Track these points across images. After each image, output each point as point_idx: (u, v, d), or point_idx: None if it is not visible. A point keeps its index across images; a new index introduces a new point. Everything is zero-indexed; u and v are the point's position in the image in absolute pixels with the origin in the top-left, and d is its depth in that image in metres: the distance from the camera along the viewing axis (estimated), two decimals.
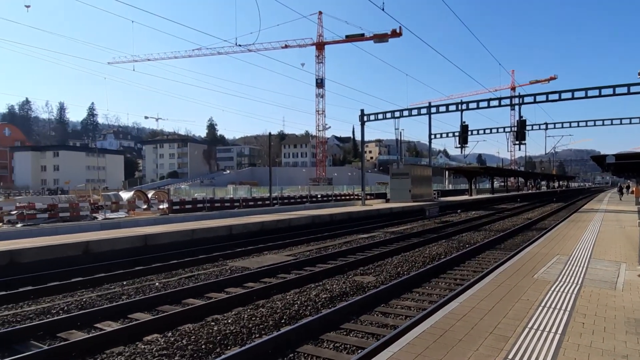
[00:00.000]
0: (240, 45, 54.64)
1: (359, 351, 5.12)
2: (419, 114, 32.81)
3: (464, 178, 57.95)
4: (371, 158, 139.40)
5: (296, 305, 7.00)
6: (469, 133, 34.08)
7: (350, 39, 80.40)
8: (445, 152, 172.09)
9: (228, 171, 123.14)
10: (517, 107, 30.28)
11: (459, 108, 30.98)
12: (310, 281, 8.80)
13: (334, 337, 5.69)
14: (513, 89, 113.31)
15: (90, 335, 5.68)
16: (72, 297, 7.75)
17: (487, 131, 42.68)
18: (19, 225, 17.70)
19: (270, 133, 40.36)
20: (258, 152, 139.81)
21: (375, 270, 9.84)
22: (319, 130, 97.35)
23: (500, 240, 14.97)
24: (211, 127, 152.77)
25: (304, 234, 16.45)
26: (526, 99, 28.96)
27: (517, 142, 30.98)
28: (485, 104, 30.02)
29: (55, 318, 6.37)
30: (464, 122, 32.23)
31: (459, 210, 30.92)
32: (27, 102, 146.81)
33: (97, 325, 6.28)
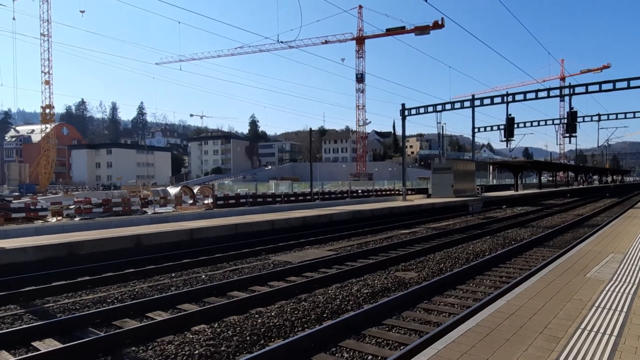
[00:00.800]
0: (282, 42, 55.37)
1: (402, 347, 5.10)
2: (462, 107, 31.97)
3: (509, 173, 55.85)
4: (412, 153, 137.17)
5: (338, 300, 7.05)
6: (515, 126, 32.90)
7: (390, 32, 79.29)
8: (489, 146, 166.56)
9: (269, 167, 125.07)
10: (567, 98, 28.95)
11: (505, 100, 29.91)
12: (351, 276, 8.83)
13: (376, 332, 5.69)
14: (563, 79, 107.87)
15: (143, 324, 5.97)
16: (125, 287, 8.18)
17: (535, 124, 41.02)
18: (77, 218, 18.82)
19: (310, 129, 40.63)
20: (299, 147, 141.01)
21: (417, 266, 9.72)
22: (359, 126, 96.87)
23: (549, 237, 14.35)
24: (253, 124, 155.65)
25: (345, 229, 16.48)
26: (577, 89, 27.54)
27: (567, 135, 29.61)
28: (532, 95, 28.83)
29: (111, 307, 6.75)
30: (510, 115, 31.09)
31: (504, 206, 29.90)
32: (82, 102, 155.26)
33: (149, 314, 6.59)
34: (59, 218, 19.35)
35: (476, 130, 37.89)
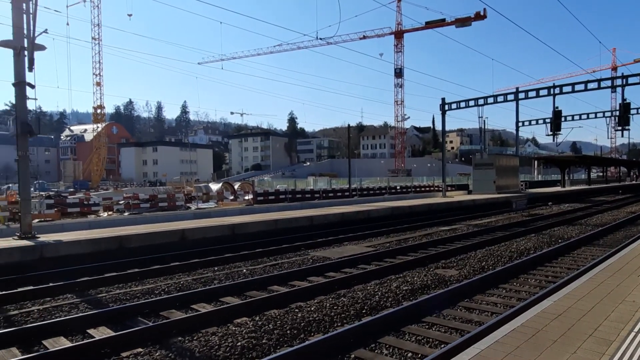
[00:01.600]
0: (321, 39, 55.36)
1: (442, 346, 5.04)
2: (505, 100, 30.89)
3: (555, 168, 53.59)
4: (452, 148, 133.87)
5: (377, 296, 7.04)
6: (562, 119, 31.44)
7: (430, 25, 77.55)
8: (534, 141, 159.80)
9: (308, 163, 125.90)
10: (619, 89, 27.32)
11: (551, 92, 28.63)
12: (390, 272, 8.79)
13: (416, 329, 5.65)
14: (614, 69, 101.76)
15: (188, 315, 6.22)
16: (171, 280, 8.52)
17: (584, 117, 39.00)
18: (126, 213, 19.76)
19: (349, 125, 40.58)
20: (337, 144, 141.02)
21: (458, 264, 9.54)
22: (397, 121, 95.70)
23: (599, 236, 13.66)
24: (292, 121, 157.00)
25: (383, 225, 16.38)
26: (630, 80, 25.96)
27: (619, 128, 27.99)
28: (581, 86, 27.40)
29: (158, 298, 7.07)
30: (557, 108, 29.78)
31: (549, 203, 28.71)
32: (130, 102, 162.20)
33: (193, 306, 6.85)
34: (110, 213, 20.38)
35: (520, 124, 36.46)
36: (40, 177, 77.83)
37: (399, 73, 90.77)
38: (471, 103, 30.60)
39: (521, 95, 30.28)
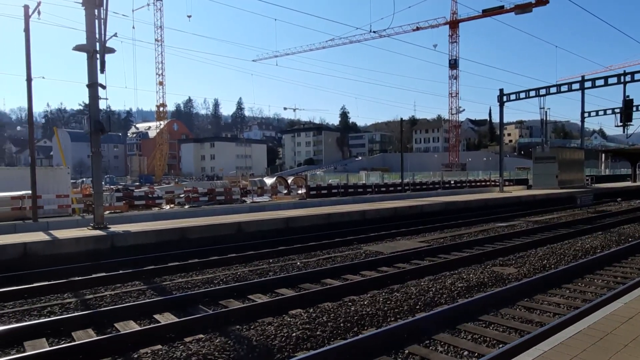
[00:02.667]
0: (374, 32, 54.75)
1: (500, 346, 4.90)
2: (570, 89, 29.05)
3: (625, 161, 49.66)
4: (510, 141, 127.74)
5: (431, 292, 6.95)
6: (634, 109, 29.02)
7: (487, 13, 74.11)
8: (601, 132, 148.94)
9: (360, 157, 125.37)
10: None
11: (621, 80, 26.57)
12: (444, 269, 8.62)
13: (472, 328, 5.52)
14: None
15: (245, 305, 6.46)
16: (228, 270, 8.88)
17: None
18: (186, 206, 20.78)
19: (401, 119, 39.96)
20: (389, 138, 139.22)
21: (517, 262, 9.16)
22: (452, 114, 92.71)
23: None
24: (343, 115, 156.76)
25: (437, 220, 16.05)
26: None
27: None
28: None
29: (217, 287, 7.40)
30: (628, 96, 27.51)
31: (618, 199, 26.74)
32: (189, 100, 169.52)
33: (250, 296, 7.11)
34: (172, 205, 21.50)
35: (586, 114, 34.13)
36: (110, 172, 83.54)
37: (453, 64, 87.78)
38: (532, 93, 29.08)
39: (587, 84, 28.34)
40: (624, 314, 4.39)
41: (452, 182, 37.54)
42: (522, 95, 29.17)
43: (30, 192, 14.35)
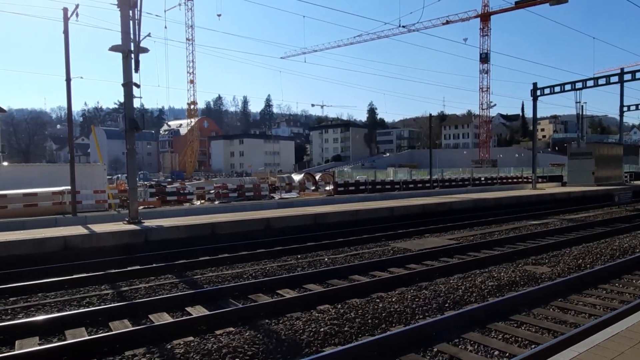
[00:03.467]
0: (403, 27, 53.88)
1: (533, 346, 4.80)
2: (608, 82, 27.87)
3: None
4: (544, 137, 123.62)
5: (460, 291, 6.85)
6: None
7: (520, 4, 71.73)
8: None
9: (388, 154, 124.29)
10: None
11: None
12: (474, 267, 8.48)
13: (503, 327, 5.42)
14: None
15: (274, 299, 6.57)
16: (257, 266, 9.02)
17: None
18: (216, 202, 21.19)
19: (430, 114, 39.37)
20: (417, 134, 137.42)
21: (551, 261, 8.91)
22: (482, 109, 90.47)
23: None
24: (371, 111, 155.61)
25: (467, 217, 15.78)
26: None
27: None
28: None
29: (246, 282, 7.53)
30: None
31: None
32: (219, 98, 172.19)
33: (279, 291, 7.20)
34: (202, 201, 21.97)
35: (625, 108, 32.77)
36: (144, 169, 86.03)
37: (484, 58, 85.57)
38: (567, 87, 28.08)
39: (627, 77, 27.14)
40: None
41: (483, 178, 36.66)
42: (557, 89, 28.19)
43: (69, 187, 14.97)
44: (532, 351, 4.39)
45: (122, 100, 12.92)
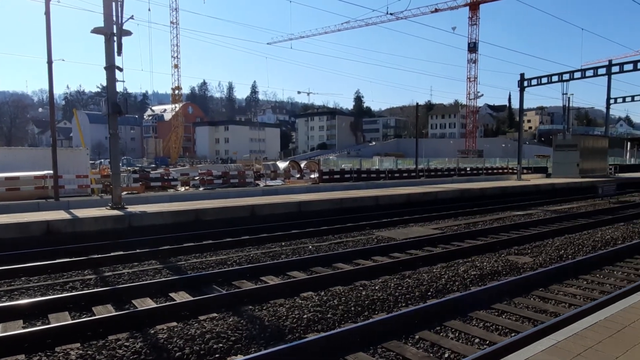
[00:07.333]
0: (391, 14, 53.64)
1: (513, 334, 4.87)
2: (595, 74, 28.20)
3: None
4: (530, 128, 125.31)
5: (443, 280, 6.92)
6: None
7: None
8: (627, 120, 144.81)
9: (374, 143, 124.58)
10: None
11: None
12: (458, 256, 8.57)
13: (484, 316, 5.49)
14: None
15: (258, 286, 6.54)
16: (242, 252, 8.98)
17: None
18: (201, 188, 20.99)
19: (417, 103, 39.39)
20: (404, 123, 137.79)
21: (533, 251, 9.05)
22: (469, 99, 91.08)
23: None
24: (358, 100, 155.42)
25: (451, 207, 15.91)
26: None
27: None
28: None
29: (230, 269, 7.50)
30: None
31: None
32: (204, 83, 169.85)
33: (262, 278, 7.19)
34: (187, 188, 21.75)
35: (612, 101, 33.26)
36: (127, 154, 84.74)
37: (472, 48, 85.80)
38: (554, 78, 28.35)
39: (615, 69, 27.49)
40: None
41: (468, 169, 37.03)
42: (544, 80, 28.44)
43: (51, 172, 14.66)
44: (512, 339, 4.46)
45: (104, 84, 12.61)
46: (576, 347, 3.37)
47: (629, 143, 66.37)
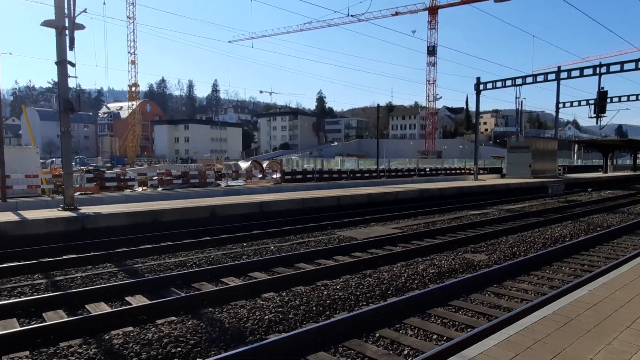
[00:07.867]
0: (352, 16, 54.18)
1: (468, 330, 5.03)
2: (546, 80, 29.60)
3: (597, 153, 51.33)
4: (486, 130, 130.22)
5: (403, 278, 7.05)
6: (608, 101, 29.89)
7: (467, 0, 74.63)
8: (575, 123, 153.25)
9: (336, 143, 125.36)
10: None
11: (597, 72, 27.19)
12: (417, 255, 8.76)
13: (442, 312, 5.64)
14: None
15: (218, 287, 6.41)
16: (202, 254, 8.79)
17: (632, 98, 36.91)
18: (159, 189, 20.38)
19: (378, 104, 40.00)
20: (365, 124, 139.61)
21: (488, 249, 9.39)
22: (429, 101, 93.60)
23: None
24: (320, 100, 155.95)
25: (412, 207, 16.26)
26: None
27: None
28: (631, 65, 25.75)
29: (190, 270, 7.30)
30: (602, 88, 28.29)
31: (589, 189, 27.66)
32: (163, 80, 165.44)
33: (223, 279, 7.07)
34: (145, 188, 21.05)
35: (561, 105, 34.97)
36: (80, 153, 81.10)
37: (432, 51, 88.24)
38: (508, 83, 29.51)
39: (563, 75, 28.93)
40: (589, 301, 4.55)
41: (428, 169, 38.01)
42: (499, 84, 29.56)
43: None
44: (467, 334, 4.60)
45: (56, 79, 12.01)
46: (527, 340, 3.52)
47: (576, 145, 70.14)
